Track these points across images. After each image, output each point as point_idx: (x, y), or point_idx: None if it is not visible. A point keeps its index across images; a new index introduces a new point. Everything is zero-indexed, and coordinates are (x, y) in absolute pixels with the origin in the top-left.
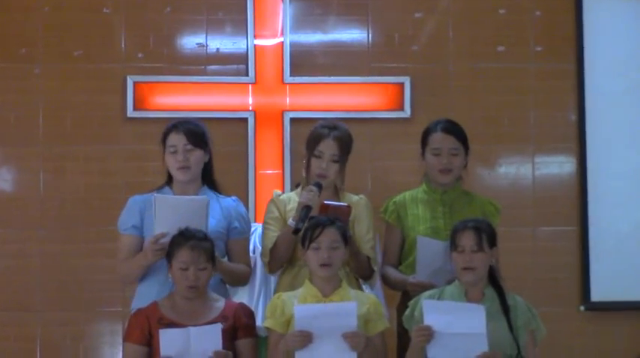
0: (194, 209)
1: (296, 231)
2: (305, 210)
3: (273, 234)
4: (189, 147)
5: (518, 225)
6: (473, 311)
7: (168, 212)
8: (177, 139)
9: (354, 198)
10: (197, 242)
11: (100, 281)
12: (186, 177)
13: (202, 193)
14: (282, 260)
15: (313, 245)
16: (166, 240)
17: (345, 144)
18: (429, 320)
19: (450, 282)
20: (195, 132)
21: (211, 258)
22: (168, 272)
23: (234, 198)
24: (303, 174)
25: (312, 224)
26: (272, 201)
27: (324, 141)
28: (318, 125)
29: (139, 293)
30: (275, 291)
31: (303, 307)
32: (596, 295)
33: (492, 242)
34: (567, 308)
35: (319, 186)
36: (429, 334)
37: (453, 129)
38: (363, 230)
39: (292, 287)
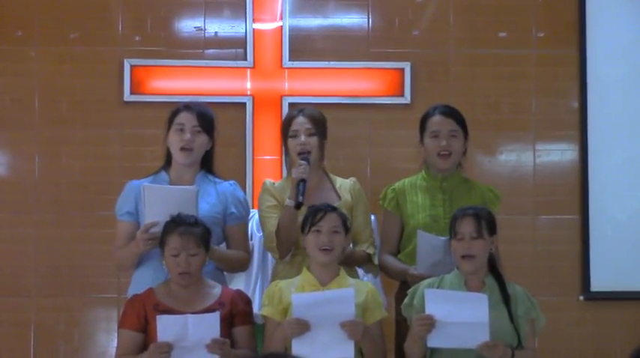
0: (183, 199)
1: (298, 205)
2: (301, 184)
3: (275, 221)
4: (197, 129)
5: (518, 213)
6: (475, 300)
7: (157, 201)
8: (187, 118)
9: (347, 181)
10: (187, 227)
11: (96, 266)
12: (187, 159)
13: (199, 178)
14: (290, 241)
15: (314, 228)
16: (157, 229)
17: (319, 120)
18: (430, 309)
19: (449, 272)
20: (206, 115)
21: (203, 244)
22: (162, 259)
23: (231, 182)
24: (285, 164)
25: (313, 209)
26: (265, 190)
27: (295, 120)
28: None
29: (135, 279)
30: (272, 280)
31: (300, 295)
32: (596, 285)
33: (492, 229)
34: (567, 297)
35: (307, 160)
36: (430, 323)
37: (452, 112)
38: (361, 216)
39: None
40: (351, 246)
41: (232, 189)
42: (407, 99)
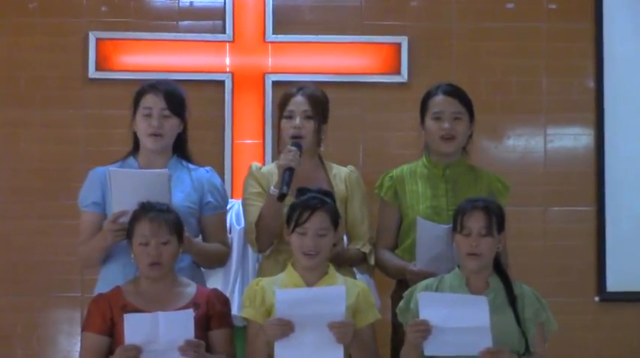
0: (154, 184)
1: (281, 196)
2: (287, 172)
3: (257, 211)
4: (166, 112)
5: (527, 204)
6: (474, 303)
7: (125, 188)
8: (154, 101)
9: (343, 170)
10: (157, 213)
11: (57, 262)
12: (156, 145)
13: (172, 164)
14: (271, 234)
15: (299, 230)
16: (126, 219)
17: (319, 101)
18: (424, 314)
19: (449, 271)
20: (175, 96)
21: (176, 231)
22: (131, 252)
23: (207, 168)
24: (277, 145)
25: (300, 205)
26: (250, 174)
27: (292, 100)
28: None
29: (103, 277)
30: (259, 275)
31: (285, 291)
32: (613, 284)
33: (501, 226)
34: (581, 298)
35: (298, 146)
36: (425, 330)
37: (457, 92)
38: (357, 210)
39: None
40: (345, 241)
41: (209, 176)
42: (404, 77)
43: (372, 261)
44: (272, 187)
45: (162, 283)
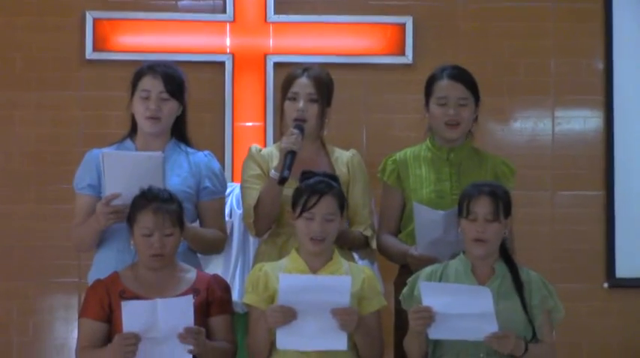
0: (147, 166)
1: (282, 180)
2: (289, 155)
3: (256, 193)
4: (164, 96)
5: (534, 188)
6: (477, 293)
7: (118, 170)
8: (152, 84)
9: (345, 154)
10: (161, 204)
11: (53, 247)
12: (154, 129)
13: (170, 148)
14: (270, 218)
15: (306, 214)
16: (119, 201)
17: (324, 84)
18: (427, 302)
19: (453, 257)
20: (174, 79)
21: (179, 222)
22: (131, 239)
23: (206, 152)
24: (279, 127)
25: (307, 189)
26: (250, 157)
27: (297, 81)
28: (289, 70)
29: (97, 262)
30: (255, 263)
31: (289, 276)
32: (622, 270)
33: (508, 211)
34: (589, 284)
35: (301, 129)
36: (428, 316)
37: (462, 76)
38: (358, 194)
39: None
40: (346, 224)
41: (207, 160)
42: (408, 58)
43: (373, 245)
44: (272, 170)
45: (161, 269)
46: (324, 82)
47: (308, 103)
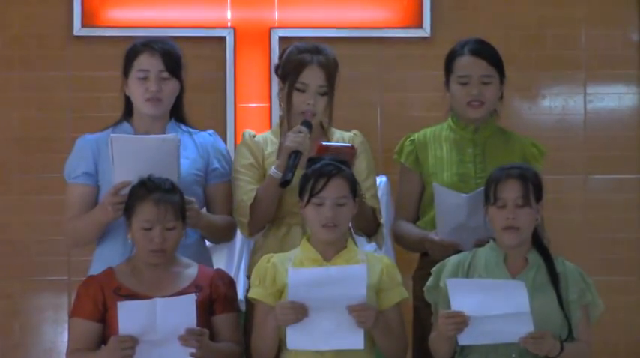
0: (161, 150)
1: (284, 183)
2: (294, 156)
3: (250, 186)
4: (165, 74)
5: (565, 172)
6: (510, 288)
7: (129, 155)
8: (150, 63)
9: (346, 134)
10: (163, 194)
11: (40, 242)
12: (156, 111)
13: (170, 129)
14: (266, 219)
15: (315, 200)
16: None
17: (334, 72)
18: (456, 302)
19: (480, 244)
20: (173, 55)
21: (181, 214)
22: (128, 232)
23: (210, 131)
24: (281, 112)
25: (314, 172)
26: (243, 143)
27: (307, 70)
28: (294, 49)
29: (99, 257)
30: (252, 258)
31: (299, 271)
32: None
33: (539, 195)
34: (625, 277)
35: (309, 126)
36: (462, 322)
37: (485, 52)
38: (362, 174)
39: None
40: None
41: (213, 140)
42: (426, 31)
43: (380, 220)
44: (273, 168)
45: (160, 265)
46: (333, 71)
47: (318, 97)
